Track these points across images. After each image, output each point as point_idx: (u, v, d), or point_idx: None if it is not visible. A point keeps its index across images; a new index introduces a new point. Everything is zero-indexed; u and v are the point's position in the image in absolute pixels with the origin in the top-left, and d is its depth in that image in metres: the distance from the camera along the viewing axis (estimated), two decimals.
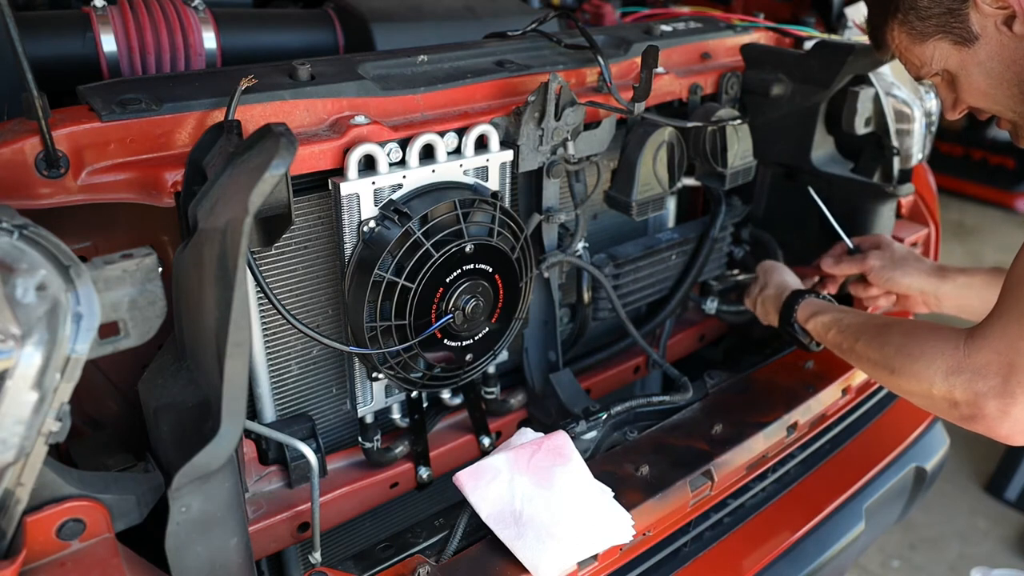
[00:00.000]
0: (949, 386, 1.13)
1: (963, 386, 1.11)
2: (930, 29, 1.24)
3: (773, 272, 1.66)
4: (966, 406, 1.11)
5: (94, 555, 0.88)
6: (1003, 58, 1.19)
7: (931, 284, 1.57)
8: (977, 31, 1.19)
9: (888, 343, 1.25)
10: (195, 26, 1.36)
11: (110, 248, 0.92)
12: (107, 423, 1.26)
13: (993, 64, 1.21)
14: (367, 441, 1.40)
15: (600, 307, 1.64)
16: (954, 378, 1.12)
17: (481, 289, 1.28)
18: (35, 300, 0.73)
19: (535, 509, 1.14)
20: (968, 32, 1.20)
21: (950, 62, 1.25)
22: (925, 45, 1.26)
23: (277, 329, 1.28)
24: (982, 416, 1.10)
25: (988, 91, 1.24)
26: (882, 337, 1.28)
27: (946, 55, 1.25)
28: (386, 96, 1.22)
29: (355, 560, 1.19)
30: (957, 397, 1.12)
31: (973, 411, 1.11)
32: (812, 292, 1.54)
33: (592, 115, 1.40)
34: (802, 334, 1.51)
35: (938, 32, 1.23)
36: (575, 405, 1.53)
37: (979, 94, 1.26)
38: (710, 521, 1.45)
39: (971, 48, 1.21)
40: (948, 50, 1.24)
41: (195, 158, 1.02)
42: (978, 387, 1.09)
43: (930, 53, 1.26)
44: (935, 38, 1.24)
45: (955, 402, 1.13)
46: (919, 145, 1.78)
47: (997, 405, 1.07)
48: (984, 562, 2.52)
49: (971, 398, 1.10)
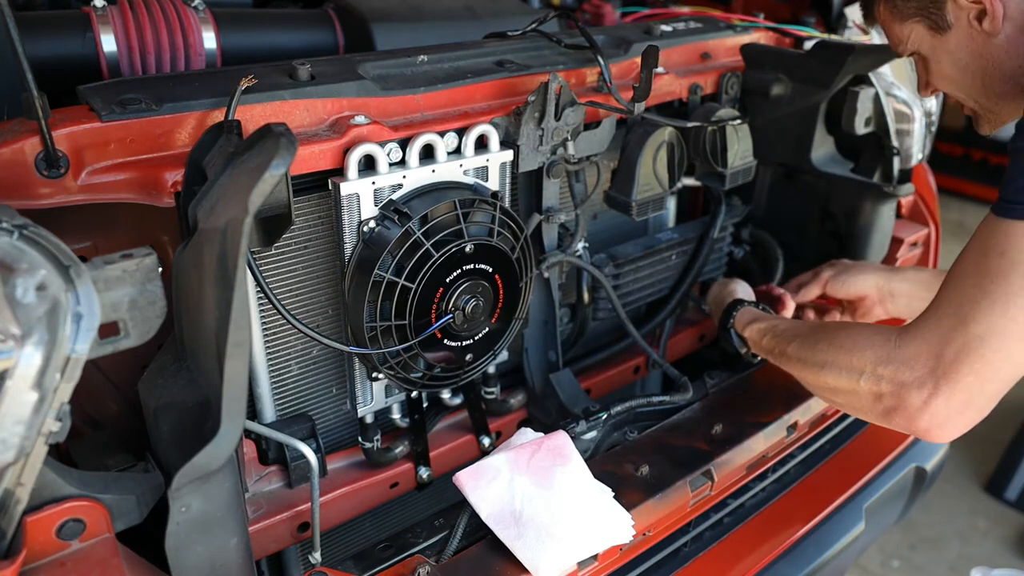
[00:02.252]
0: (876, 377, 1.12)
1: (890, 376, 1.10)
2: (910, 10, 1.29)
3: (732, 282, 1.68)
4: (890, 397, 1.11)
5: (94, 555, 0.88)
6: (971, 50, 1.23)
7: (884, 279, 1.60)
8: (951, 21, 1.24)
9: (821, 339, 1.25)
10: (195, 26, 1.36)
11: (110, 248, 0.92)
12: (107, 423, 1.26)
13: (961, 55, 1.25)
14: (367, 441, 1.40)
15: (600, 307, 1.64)
16: (882, 368, 1.11)
17: (481, 289, 1.28)
18: (35, 300, 0.73)
19: (535, 509, 1.14)
20: (943, 20, 1.25)
21: (923, 45, 1.31)
22: (904, 25, 1.31)
23: (277, 329, 1.28)
24: (903, 408, 1.09)
25: (954, 79, 1.29)
26: (815, 335, 1.28)
27: (920, 38, 1.30)
28: (386, 96, 1.22)
29: (355, 560, 1.19)
30: (882, 388, 1.11)
31: (896, 402, 1.10)
32: (756, 304, 1.56)
33: (592, 115, 1.40)
34: (738, 341, 1.52)
35: (917, 15, 1.28)
36: (575, 405, 1.53)
37: (946, 80, 1.31)
38: (710, 521, 1.45)
39: (943, 36, 1.26)
40: (923, 33, 1.29)
41: (195, 158, 1.02)
42: (904, 377, 1.08)
43: (907, 33, 1.31)
44: (913, 19, 1.29)
45: (880, 394, 1.12)
46: (919, 145, 1.78)
47: (919, 396, 1.07)
48: (984, 562, 2.52)
49: (895, 389, 1.09)
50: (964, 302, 1.05)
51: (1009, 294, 1.02)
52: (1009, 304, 1.02)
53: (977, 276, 1.05)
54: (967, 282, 1.07)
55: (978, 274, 1.05)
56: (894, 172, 1.75)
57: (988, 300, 1.03)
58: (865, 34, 1.90)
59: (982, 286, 1.04)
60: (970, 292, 1.05)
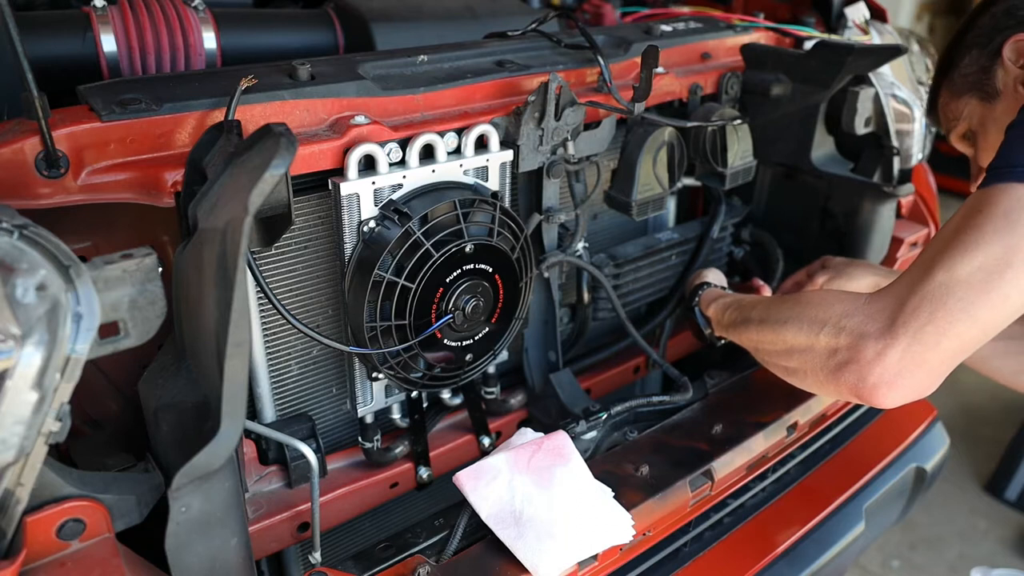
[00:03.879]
0: (838, 329, 1.08)
1: (852, 328, 1.06)
2: (967, 85, 1.39)
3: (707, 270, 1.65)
4: (845, 350, 1.06)
5: (94, 555, 0.88)
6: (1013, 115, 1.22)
7: (882, 278, 1.61)
8: (1000, 87, 1.31)
9: (787, 300, 1.21)
10: (195, 26, 1.36)
11: (110, 248, 0.92)
12: (107, 423, 1.26)
13: (1005, 120, 1.24)
14: (367, 441, 1.40)
15: (600, 307, 1.64)
16: (847, 320, 1.07)
17: (481, 289, 1.28)
18: (35, 300, 0.73)
19: (535, 509, 1.14)
20: (993, 88, 1.33)
21: (974, 119, 1.39)
22: (960, 100, 1.41)
23: (277, 329, 1.28)
24: (855, 361, 1.04)
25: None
26: (782, 299, 1.24)
27: (972, 111, 1.39)
28: (386, 96, 1.22)
29: (355, 560, 1.19)
30: (840, 342, 1.07)
31: (850, 355, 1.05)
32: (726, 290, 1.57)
33: (592, 115, 1.40)
34: (703, 321, 1.53)
35: (971, 89, 1.37)
36: (575, 405, 1.53)
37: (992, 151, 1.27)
38: (710, 521, 1.45)
39: (992, 104, 1.34)
40: (975, 106, 1.38)
41: (195, 158, 1.02)
42: (866, 328, 1.05)
43: (962, 108, 1.41)
44: (968, 93, 1.38)
45: (836, 348, 1.08)
46: (919, 145, 1.78)
47: (875, 347, 1.03)
48: (984, 562, 2.52)
49: (853, 341, 1.05)
50: (935, 255, 1.04)
51: (978, 243, 1.00)
52: (977, 253, 1.00)
53: (952, 233, 1.04)
54: (942, 239, 1.06)
55: (954, 232, 1.04)
56: (894, 172, 1.75)
57: (958, 251, 1.01)
58: (865, 34, 1.90)
59: (954, 240, 1.03)
60: (942, 247, 1.04)
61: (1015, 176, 1.02)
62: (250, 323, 0.84)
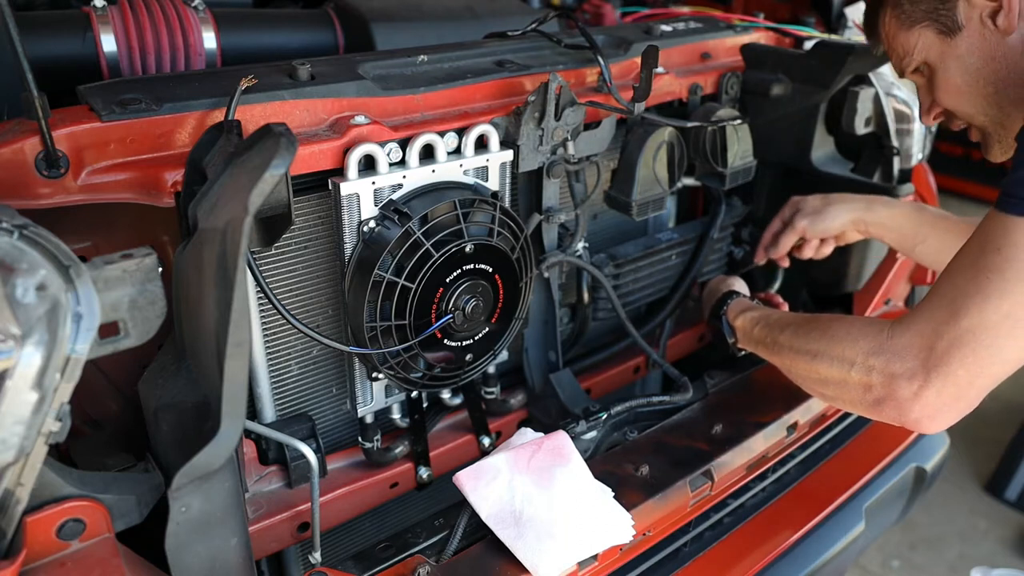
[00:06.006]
0: (867, 368, 1.11)
1: (881, 367, 1.09)
2: (918, 15, 1.24)
3: (731, 278, 1.69)
4: (880, 387, 1.10)
5: (94, 555, 0.88)
6: (982, 53, 1.19)
7: (861, 210, 1.61)
8: (962, 21, 1.20)
9: (814, 329, 1.24)
10: (195, 26, 1.36)
11: (110, 248, 0.92)
12: (107, 423, 1.26)
13: (972, 59, 1.21)
14: (367, 441, 1.40)
15: (600, 307, 1.64)
16: (874, 359, 1.10)
17: (481, 289, 1.28)
18: (35, 300, 0.73)
19: (535, 509, 1.14)
20: (953, 21, 1.20)
21: (931, 53, 1.26)
22: (911, 32, 1.27)
23: (277, 329, 1.28)
24: (893, 398, 1.08)
25: (963, 89, 1.24)
26: (809, 325, 1.26)
27: (928, 45, 1.25)
28: (386, 96, 1.22)
29: (355, 560, 1.19)
30: (872, 379, 1.11)
31: (886, 392, 1.09)
32: (752, 298, 1.57)
33: (592, 115, 1.40)
34: (728, 331, 1.52)
35: (925, 18, 1.24)
36: (575, 405, 1.53)
37: (954, 92, 1.26)
38: (710, 521, 1.45)
39: (953, 39, 1.22)
40: (931, 39, 1.25)
41: (195, 158, 1.02)
42: (895, 368, 1.08)
43: (914, 41, 1.27)
44: (921, 24, 1.25)
45: (869, 385, 1.11)
46: (919, 145, 1.78)
47: (910, 388, 1.06)
48: (984, 562, 2.52)
49: (886, 380, 1.09)
50: (958, 296, 1.05)
51: (1003, 290, 1.01)
52: (1003, 300, 1.01)
53: (973, 270, 1.05)
54: (963, 275, 1.06)
55: (974, 268, 1.05)
56: (894, 172, 1.75)
57: (981, 295, 1.03)
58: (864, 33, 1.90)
59: (976, 280, 1.04)
60: (964, 286, 1.05)
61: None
62: (250, 323, 0.84)
